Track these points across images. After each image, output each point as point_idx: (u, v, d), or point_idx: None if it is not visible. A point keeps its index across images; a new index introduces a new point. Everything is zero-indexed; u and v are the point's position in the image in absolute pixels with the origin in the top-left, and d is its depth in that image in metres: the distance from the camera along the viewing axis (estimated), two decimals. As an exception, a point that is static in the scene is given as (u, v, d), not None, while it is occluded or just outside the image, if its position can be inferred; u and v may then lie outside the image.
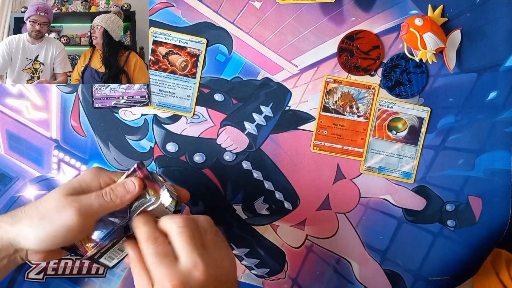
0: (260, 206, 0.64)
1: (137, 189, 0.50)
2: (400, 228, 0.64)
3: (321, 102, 0.62)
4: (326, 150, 0.63)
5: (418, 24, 0.57)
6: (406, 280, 0.66)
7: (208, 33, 0.61)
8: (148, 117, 0.62)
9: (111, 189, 0.49)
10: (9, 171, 0.62)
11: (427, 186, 0.64)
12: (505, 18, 0.60)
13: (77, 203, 0.47)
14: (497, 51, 0.61)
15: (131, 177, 0.50)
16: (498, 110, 0.62)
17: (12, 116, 0.62)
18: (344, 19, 0.61)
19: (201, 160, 0.63)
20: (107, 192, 0.49)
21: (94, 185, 0.50)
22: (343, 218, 0.65)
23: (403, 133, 0.63)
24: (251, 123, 0.62)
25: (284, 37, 0.61)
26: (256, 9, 0.61)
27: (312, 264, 0.66)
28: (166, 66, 0.61)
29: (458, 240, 0.64)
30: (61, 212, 0.47)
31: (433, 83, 0.62)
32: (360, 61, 0.61)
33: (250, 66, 0.62)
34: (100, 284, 0.65)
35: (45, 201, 0.48)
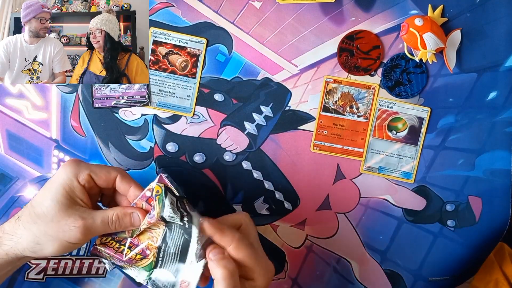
0: (260, 206, 0.64)
1: (141, 221, 0.51)
2: (400, 228, 0.65)
3: (321, 102, 0.62)
4: (326, 150, 0.63)
5: (418, 24, 0.57)
6: (406, 280, 0.66)
7: (208, 33, 0.61)
8: (148, 117, 0.62)
9: (118, 219, 0.51)
10: (9, 171, 0.62)
11: (427, 186, 0.64)
12: (505, 18, 0.60)
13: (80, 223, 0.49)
14: (497, 51, 0.61)
15: (138, 211, 0.51)
16: (498, 110, 0.62)
17: (12, 116, 0.62)
18: (344, 19, 0.61)
19: (201, 160, 0.63)
20: (113, 221, 0.51)
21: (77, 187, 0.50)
22: (343, 218, 0.65)
23: (403, 133, 0.63)
24: (251, 123, 0.62)
25: (284, 37, 0.61)
26: (256, 9, 0.61)
27: (312, 264, 0.66)
28: (166, 66, 0.61)
29: (458, 240, 0.64)
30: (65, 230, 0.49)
31: (433, 83, 0.62)
32: (360, 61, 0.61)
33: (250, 66, 0.62)
34: (100, 284, 0.65)
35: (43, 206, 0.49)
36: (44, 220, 0.49)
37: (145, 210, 0.51)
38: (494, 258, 0.66)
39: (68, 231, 0.48)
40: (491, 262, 0.66)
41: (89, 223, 0.49)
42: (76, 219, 0.49)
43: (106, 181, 0.52)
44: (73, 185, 0.50)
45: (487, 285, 0.65)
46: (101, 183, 0.52)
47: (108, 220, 0.50)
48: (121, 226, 0.51)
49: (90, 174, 0.51)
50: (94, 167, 0.52)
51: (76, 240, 0.49)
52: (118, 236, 0.53)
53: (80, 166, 0.51)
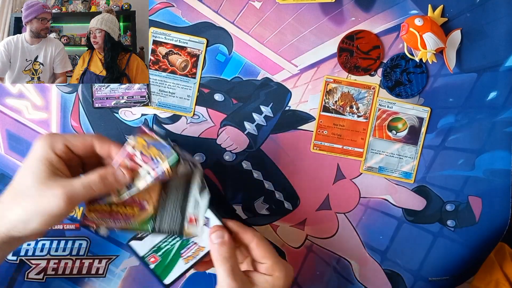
0: (260, 206, 0.64)
1: (127, 178, 0.50)
2: (400, 228, 0.65)
3: (321, 102, 0.62)
4: (326, 150, 0.63)
5: (418, 24, 0.57)
6: (406, 280, 0.66)
7: (208, 33, 0.61)
8: (148, 117, 0.62)
9: (100, 179, 0.49)
10: (9, 171, 0.62)
11: (427, 186, 0.64)
12: (505, 18, 0.60)
13: (60, 191, 0.47)
14: (497, 51, 0.61)
15: (122, 168, 0.50)
16: (498, 110, 0.62)
17: (12, 116, 0.62)
18: (344, 19, 0.61)
19: (201, 160, 0.63)
20: (96, 182, 0.49)
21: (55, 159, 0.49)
22: (343, 218, 0.65)
23: (403, 133, 0.63)
24: (251, 123, 0.62)
25: (284, 37, 0.61)
26: (256, 9, 0.61)
27: (312, 264, 0.66)
28: (166, 66, 0.61)
29: (458, 240, 0.64)
30: (46, 202, 0.47)
31: (433, 83, 0.62)
32: (360, 61, 0.61)
33: (250, 66, 0.62)
34: (100, 284, 0.65)
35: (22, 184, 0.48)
36: (26, 197, 0.47)
37: (130, 167, 0.50)
38: (494, 258, 0.66)
39: (50, 202, 0.47)
40: (491, 262, 0.66)
41: (69, 189, 0.47)
42: (56, 188, 0.47)
43: (84, 148, 0.51)
44: (50, 158, 0.49)
45: (487, 285, 0.65)
46: (79, 151, 0.51)
47: (91, 182, 0.49)
48: (106, 186, 0.50)
49: (65, 144, 0.50)
50: (69, 136, 0.51)
51: (59, 209, 0.47)
52: (107, 201, 0.52)
53: (55, 138, 0.50)
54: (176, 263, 0.53)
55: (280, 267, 0.52)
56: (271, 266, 0.52)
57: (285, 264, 0.53)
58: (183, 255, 0.53)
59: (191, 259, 0.53)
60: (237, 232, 0.53)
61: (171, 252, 0.53)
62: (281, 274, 0.52)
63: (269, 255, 0.52)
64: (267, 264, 0.52)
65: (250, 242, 0.53)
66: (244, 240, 0.53)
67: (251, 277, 0.52)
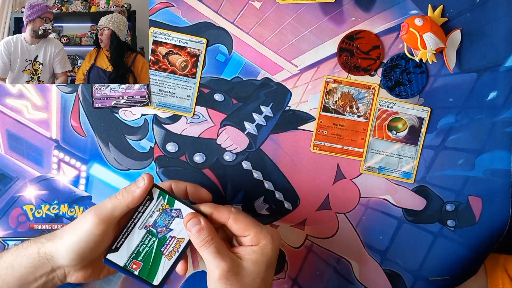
0: (260, 206, 0.64)
1: (146, 182, 0.52)
2: (400, 228, 0.64)
3: (321, 102, 0.62)
4: (326, 150, 0.63)
5: (418, 24, 0.57)
6: (406, 280, 0.66)
7: (208, 33, 0.61)
8: (148, 117, 0.62)
9: (124, 188, 0.52)
10: (9, 171, 0.62)
11: (427, 186, 0.64)
12: (505, 18, 0.60)
13: (93, 209, 0.51)
14: (497, 51, 0.61)
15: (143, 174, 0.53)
16: (498, 110, 0.62)
17: (12, 116, 0.62)
18: (344, 19, 0.61)
19: (201, 160, 0.63)
20: (120, 192, 0.52)
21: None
22: (343, 218, 0.65)
23: (403, 133, 0.63)
24: (251, 123, 0.62)
25: (284, 37, 0.61)
26: (256, 9, 0.61)
27: (312, 264, 0.66)
28: (166, 66, 0.61)
29: (458, 240, 0.64)
30: (82, 219, 0.51)
31: (433, 83, 0.62)
32: (360, 61, 0.61)
33: (250, 66, 0.62)
34: (100, 284, 0.65)
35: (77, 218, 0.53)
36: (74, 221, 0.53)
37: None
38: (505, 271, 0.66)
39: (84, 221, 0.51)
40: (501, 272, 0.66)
41: (99, 204, 0.51)
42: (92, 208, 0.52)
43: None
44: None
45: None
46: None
47: (116, 194, 0.52)
48: (128, 192, 0.51)
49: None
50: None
51: (92, 224, 0.50)
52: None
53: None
54: (159, 263, 0.53)
55: (264, 235, 0.51)
56: (255, 236, 0.51)
57: (268, 229, 0.52)
58: (164, 252, 0.53)
59: (174, 254, 0.53)
60: (212, 213, 0.53)
61: (151, 253, 0.53)
62: (267, 240, 0.51)
63: (250, 226, 0.52)
64: (251, 236, 0.51)
65: (227, 220, 0.52)
66: (221, 220, 0.52)
67: (238, 253, 0.52)
